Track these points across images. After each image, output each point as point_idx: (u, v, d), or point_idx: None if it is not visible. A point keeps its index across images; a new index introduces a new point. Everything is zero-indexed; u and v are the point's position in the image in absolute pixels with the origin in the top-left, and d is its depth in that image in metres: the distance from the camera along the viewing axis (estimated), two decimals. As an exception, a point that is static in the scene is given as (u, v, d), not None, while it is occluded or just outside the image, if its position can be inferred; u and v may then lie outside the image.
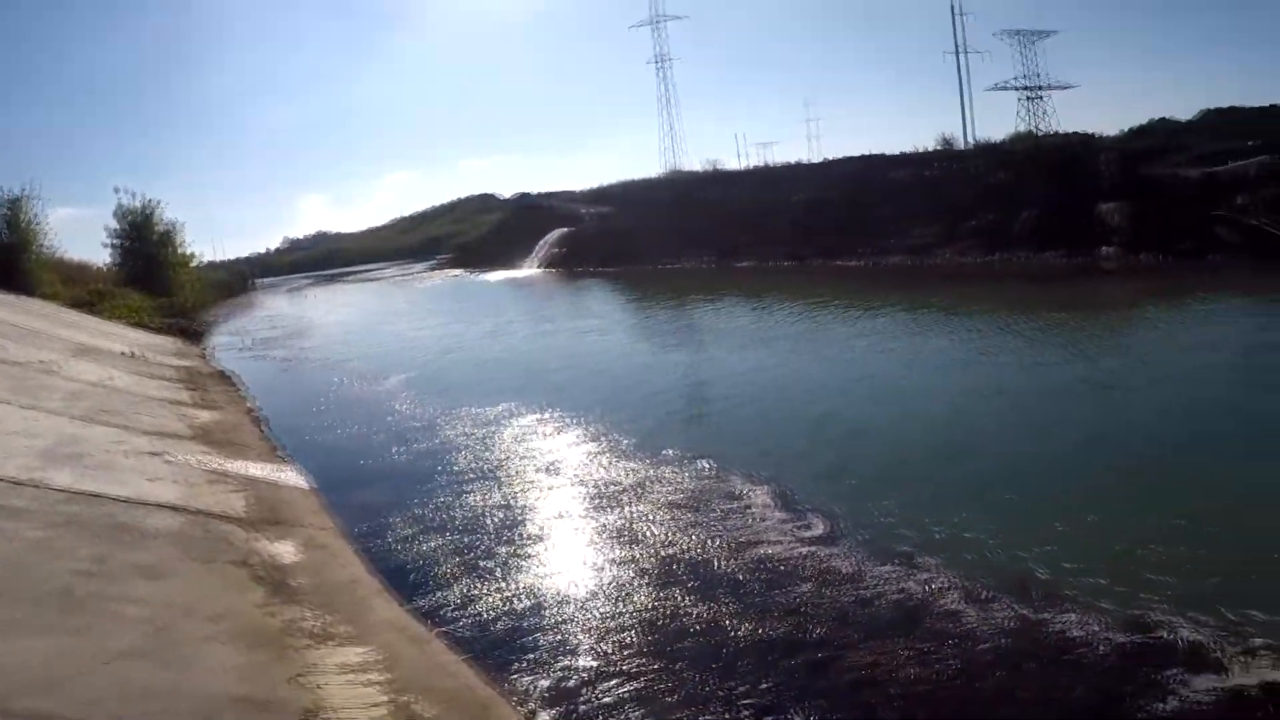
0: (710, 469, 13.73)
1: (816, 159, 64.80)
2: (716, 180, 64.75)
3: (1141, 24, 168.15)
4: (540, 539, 11.49)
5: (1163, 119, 74.68)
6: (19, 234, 34.75)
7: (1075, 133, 53.74)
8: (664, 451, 14.82)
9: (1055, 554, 9.83)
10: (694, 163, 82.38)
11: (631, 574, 10.08)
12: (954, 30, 66.71)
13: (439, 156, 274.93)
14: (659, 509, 12.12)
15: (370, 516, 12.47)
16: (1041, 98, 70.30)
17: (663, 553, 10.62)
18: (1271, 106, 71.20)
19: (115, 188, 61.07)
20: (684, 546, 10.78)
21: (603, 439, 15.93)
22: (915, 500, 11.81)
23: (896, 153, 54.58)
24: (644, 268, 56.34)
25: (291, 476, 13.52)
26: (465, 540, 11.46)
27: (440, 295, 56.04)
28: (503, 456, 15.33)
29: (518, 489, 13.49)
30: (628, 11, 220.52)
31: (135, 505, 9.65)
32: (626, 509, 12.19)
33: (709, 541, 10.89)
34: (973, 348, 22.48)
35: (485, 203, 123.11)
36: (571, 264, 62.93)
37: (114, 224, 48.92)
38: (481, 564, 10.66)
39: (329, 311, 53.11)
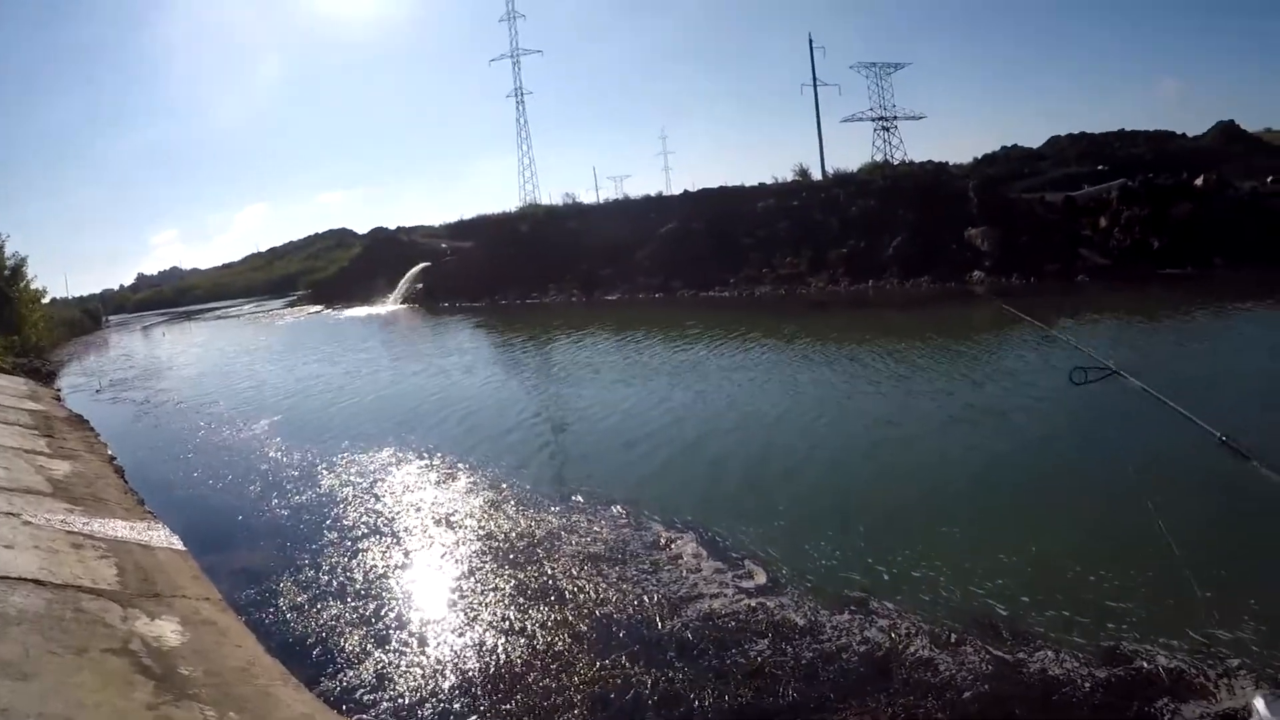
0: (625, 515, 12.87)
1: (673, 191, 64.75)
2: (577, 213, 63.88)
3: (988, 54, 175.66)
4: (455, 602, 10.41)
5: (1013, 145, 78.31)
6: None
7: (929, 161, 55.10)
8: (571, 498, 13.93)
9: (1010, 588, 9.38)
10: (551, 196, 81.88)
11: (567, 640, 9.11)
12: (811, 63, 67.92)
13: (295, 190, 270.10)
14: (581, 563, 11.17)
15: (255, 582, 11.26)
16: (895, 128, 72.56)
17: (596, 613, 9.70)
18: (1120, 131, 75.25)
19: (-36, 219, 55.25)
20: (618, 605, 9.89)
21: (501, 485, 14.91)
22: (850, 539, 11.25)
23: (757, 184, 54.95)
24: (508, 302, 54.97)
25: (162, 536, 12.12)
26: (368, 607, 10.34)
27: (300, 333, 53.65)
28: (395, 508, 14.15)
29: (419, 545, 12.38)
30: (486, 46, 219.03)
31: (-10, 581, 8.29)
32: (545, 565, 11.19)
33: (644, 598, 10.02)
34: (857, 377, 22.09)
35: (342, 238, 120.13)
36: (433, 300, 61.04)
37: (-43, 258, 44.80)
38: (392, 634, 9.57)
39: (185, 350, 50.25)
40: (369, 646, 9.27)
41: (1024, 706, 7.25)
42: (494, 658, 8.87)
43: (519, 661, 8.73)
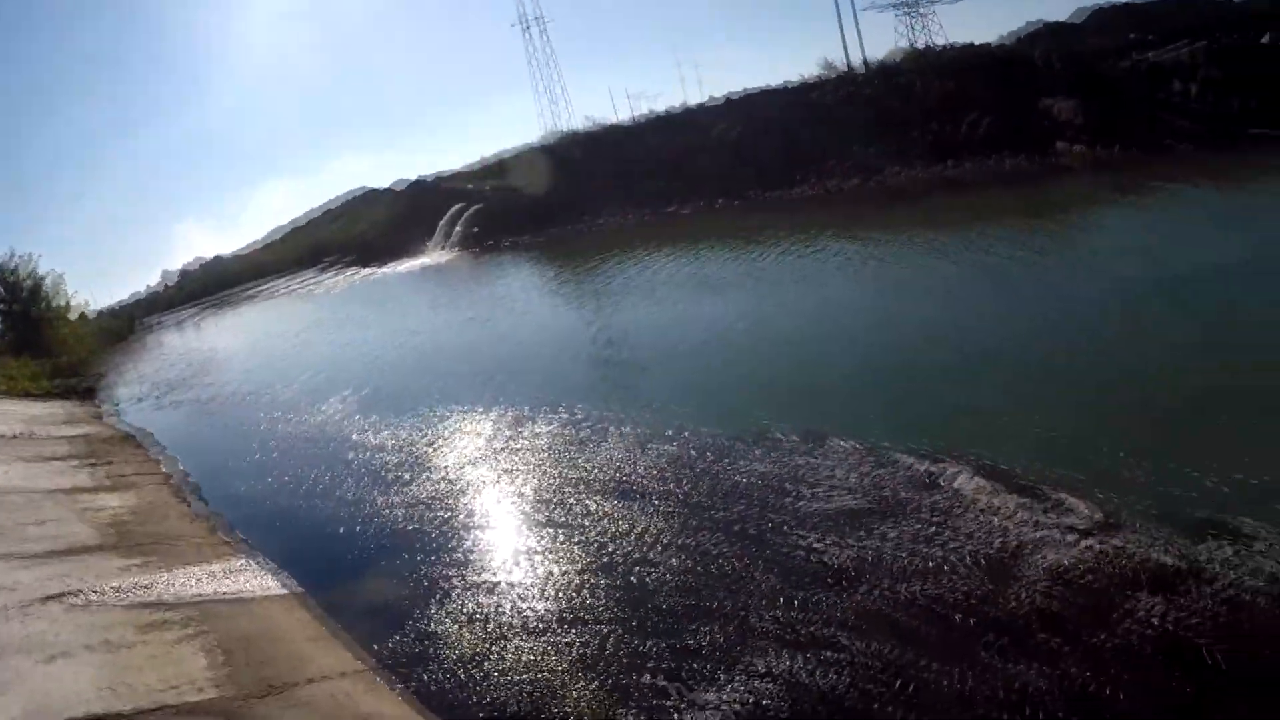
0: (858, 451, 9.86)
1: (702, 102, 60.27)
2: (624, 134, 59.44)
3: None
4: (701, 613, 7.33)
5: (1043, 21, 72.16)
6: None
7: (967, 44, 51.28)
8: (768, 436, 10.83)
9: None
10: (576, 122, 77.61)
11: (891, 646, 6.30)
12: None
13: (310, 160, 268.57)
14: (845, 526, 8.22)
15: (398, 626, 8.27)
16: (922, 13, 67.66)
17: (909, 595, 6.92)
18: None
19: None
20: (933, 579, 7.12)
21: (669, 433, 11.82)
22: (1143, 445, 8.63)
23: (807, 79, 50.36)
24: (566, 230, 50.78)
25: (257, 577, 9.22)
26: (564, 643, 7.25)
27: (354, 298, 50.43)
28: (545, 482, 11.06)
29: (603, 534, 9.29)
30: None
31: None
32: (797, 536, 8.20)
33: (961, 563, 7.23)
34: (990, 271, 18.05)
35: (370, 197, 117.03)
36: (483, 239, 57.40)
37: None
38: (633, 685, 6.48)
39: (234, 337, 47.05)
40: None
41: None
42: (805, 690, 6.09)
43: (853, 689, 5.95)
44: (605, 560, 8.62)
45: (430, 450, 13.65)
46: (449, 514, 10.88)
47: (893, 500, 8.51)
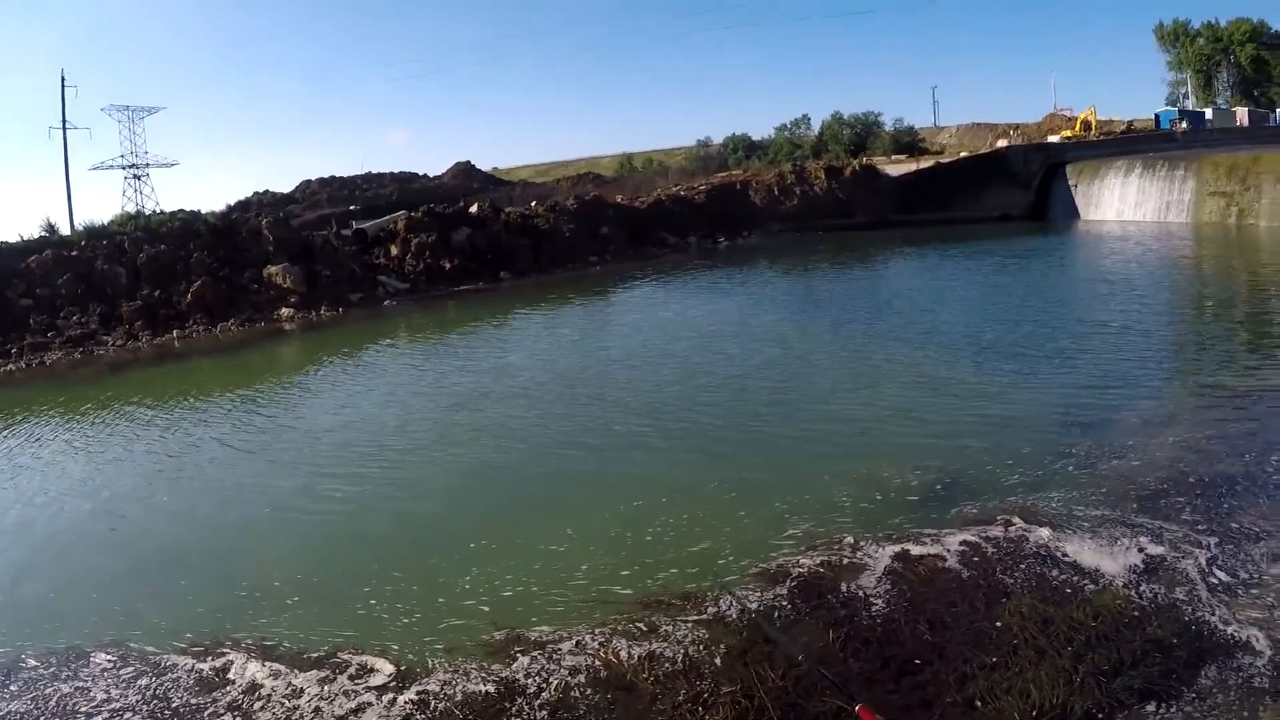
0: (127, 661, 9.93)
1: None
2: None
3: (244, 100, 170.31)
4: None
5: (265, 190, 79.39)
6: None
7: (181, 210, 52.60)
8: (15, 661, 10.32)
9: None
10: None
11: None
12: (61, 104, 60.81)
13: None
14: None
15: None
16: (147, 176, 68.03)
17: None
18: (366, 174, 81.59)
19: None
20: None
21: None
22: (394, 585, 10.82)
23: (29, 237, 46.40)
24: None
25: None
26: None
27: None
28: None
29: None
30: None
31: None
32: None
33: None
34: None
35: None
36: None
37: None
38: None
39: None
40: None
41: None
42: None
43: None
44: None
45: None
46: None
47: (185, 710, 8.76)
